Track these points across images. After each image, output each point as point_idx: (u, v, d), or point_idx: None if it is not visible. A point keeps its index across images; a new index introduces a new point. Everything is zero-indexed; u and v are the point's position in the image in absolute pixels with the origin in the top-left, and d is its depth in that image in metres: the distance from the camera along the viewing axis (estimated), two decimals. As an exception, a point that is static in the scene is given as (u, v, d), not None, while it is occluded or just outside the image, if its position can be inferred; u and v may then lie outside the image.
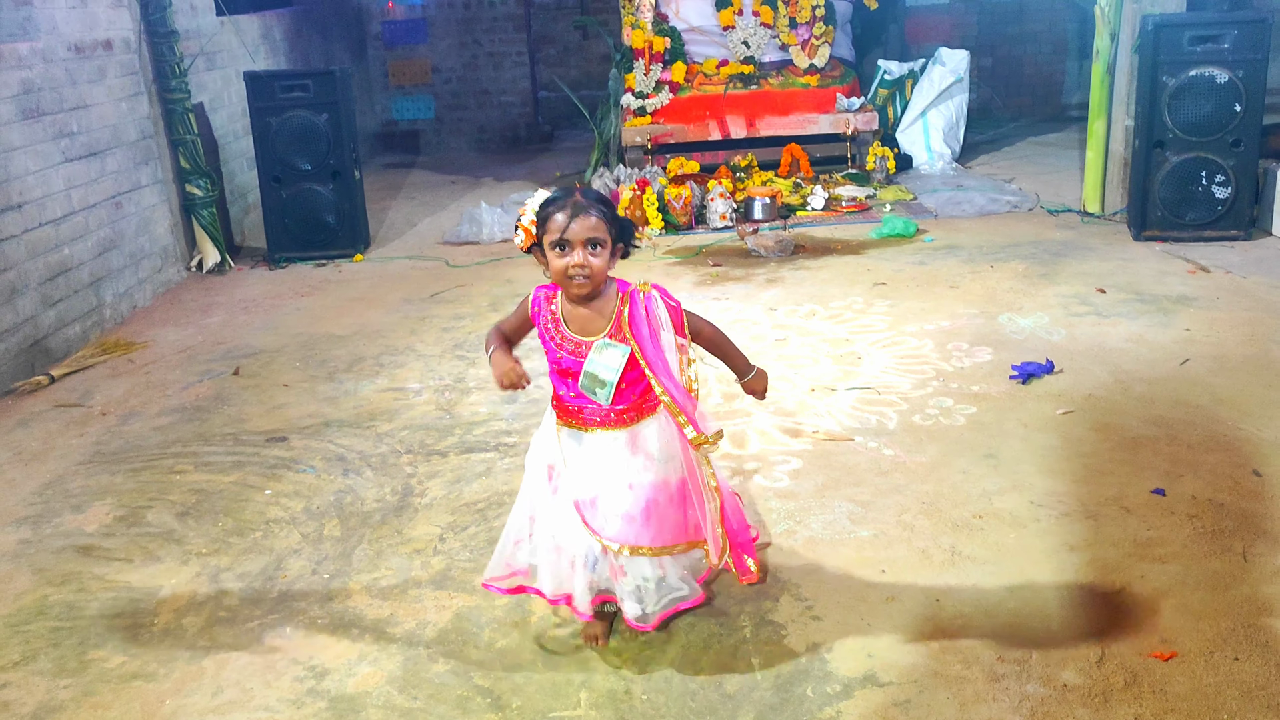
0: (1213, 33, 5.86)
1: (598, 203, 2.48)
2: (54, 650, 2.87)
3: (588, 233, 2.44)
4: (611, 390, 2.52)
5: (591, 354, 2.52)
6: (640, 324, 2.52)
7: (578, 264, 2.45)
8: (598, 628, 2.76)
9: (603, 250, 2.47)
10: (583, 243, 2.44)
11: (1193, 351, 4.45)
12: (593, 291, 2.51)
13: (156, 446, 4.16)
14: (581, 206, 2.45)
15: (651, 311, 2.54)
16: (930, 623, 2.75)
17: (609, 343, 2.52)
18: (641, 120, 8.26)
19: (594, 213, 2.45)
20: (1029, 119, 10.54)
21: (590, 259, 2.45)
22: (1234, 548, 3.02)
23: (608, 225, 2.47)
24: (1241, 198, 5.97)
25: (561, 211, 2.45)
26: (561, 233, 2.44)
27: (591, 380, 2.52)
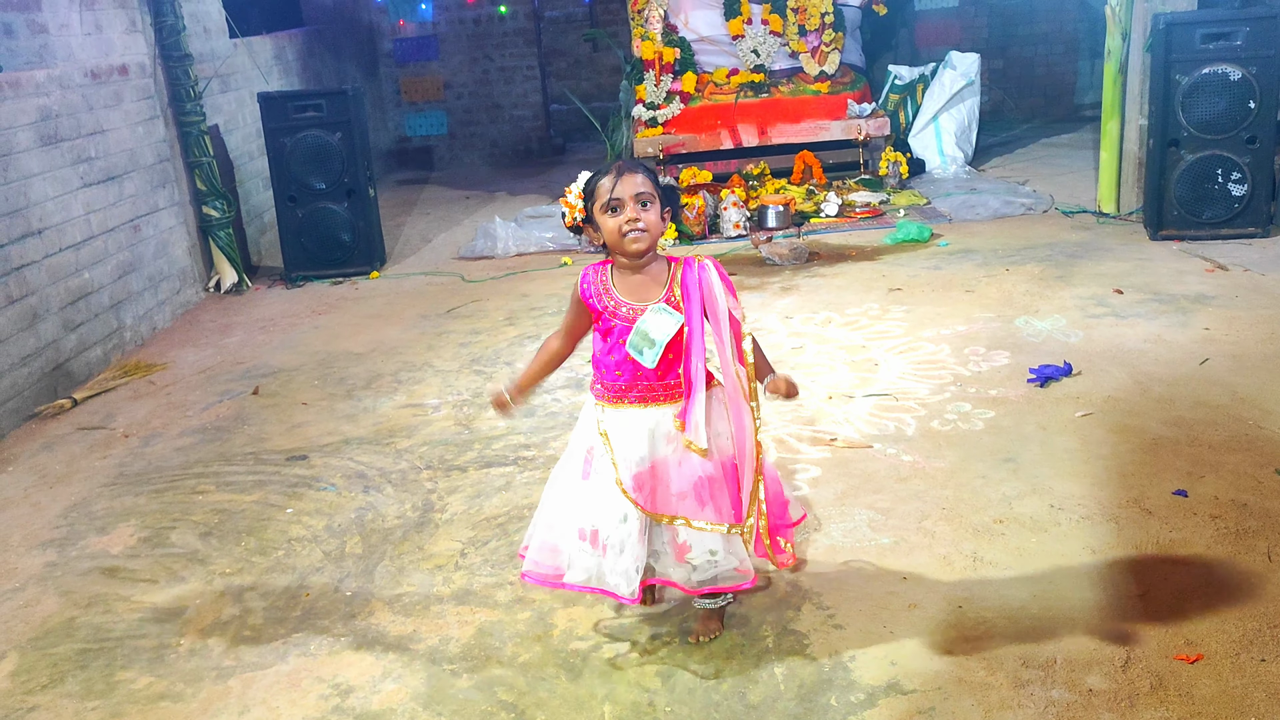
0: (1225, 30, 5.84)
1: (640, 166, 2.57)
2: (82, 672, 2.89)
3: (636, 188, 2.51)
4: (659, 352, 2.53)
5: (645, 314, 2.55)
6: (691, 289, 2.55)
7: (630, 218, 2.50)
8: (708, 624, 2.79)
9: (653, 206, 2.53)
10: (633, 198, 2.50)
11: (1212, 351, 4.43)
12: (649, 250, 2.56)
13: (179, 467, 4.19)
14: (626, 167, 2.54)
15: (705, 279, 2.56)
16: (953, 629, 2.74)
17: (664, 308, 2.55)
18: (653, 131, 8.28)
19: (639, 172, 2.53)
20: (1041, 120, 10.51)
21: (644, 214, 2.51)
22: (1258, 548, 3.00)
23: (653, 182, 2.55)
24: (1258, 195, 5.94)
25: (607, 176, 2.53)
26: (610, 193, 2.51)
27: (641, 339, 2.54)
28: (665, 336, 2.53)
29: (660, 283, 2.58)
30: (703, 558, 2.64)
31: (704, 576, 2.67)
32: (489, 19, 10.96)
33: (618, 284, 2.60)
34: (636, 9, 8.58)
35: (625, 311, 2.57)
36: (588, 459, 2.68)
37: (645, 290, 2.58)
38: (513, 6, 10.92)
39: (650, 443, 2.61)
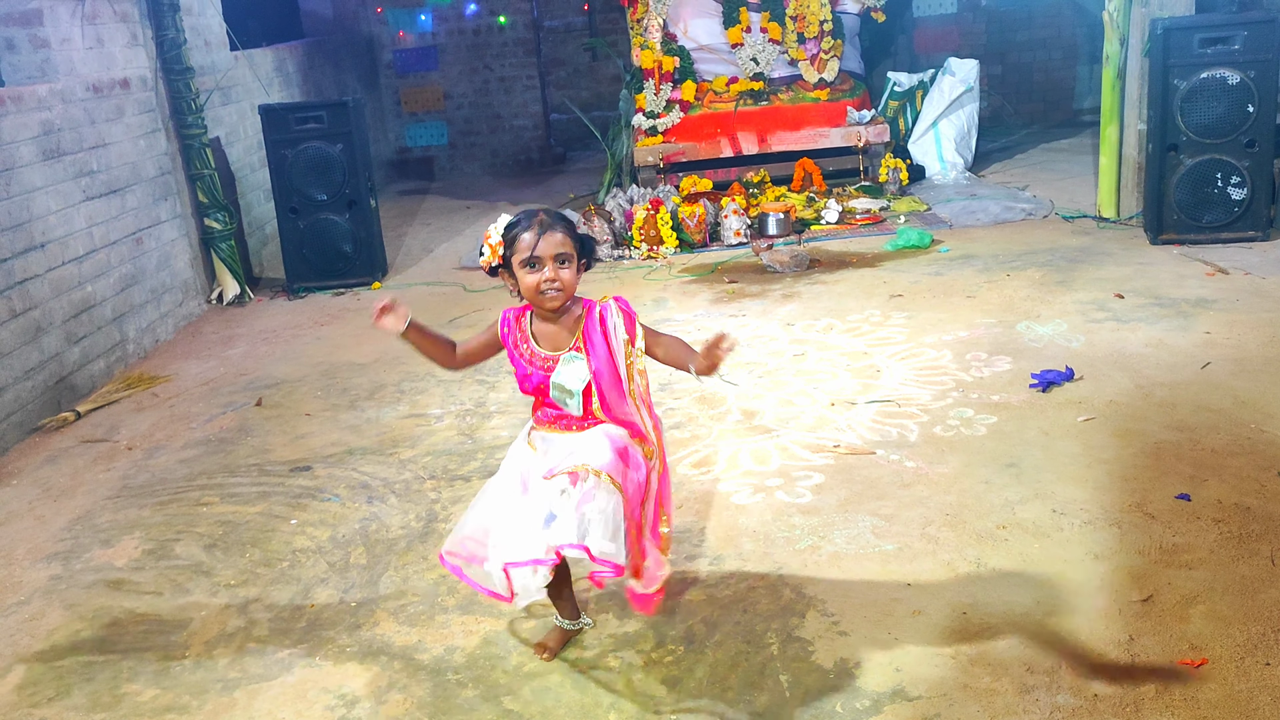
0: (1222, 34, 5.85)
1: (561, 220, 2.59)
2: (88, 685, 2.90)
3: (556, 248, 2.54)
4: (579, 399, 2.61)
5: (559, 366, 2.62)
6: (594, 333, 2.62)
7: (549, 279, 2.54)
8: (551, 638, 2.83)
9: (570, 264, 2.57)
10: (552, 258, 2.53)
11: (1213, 355, 4.43)
12: (562, 306, 2.61)
13: (183, 479, 4.20)
14: (547, 224, 2.55)
15: (606, 320, 2.62)
16: (958, 635, 2.75)
17: (574, 355, 2.62)
18: (653, 140, 8.30)
19: (559, 230, 2.55)
20: (1040, 126, 10.53)
21: (560, 273, 2.54)
22: (1261, 552, 3.00)
23: (573, 241, 2.57)
24: (1258, 198, 5.95)
25: (528, 231, 2.55)
26: (531, 250, 2.53)
27: (561, 391, 2.62)
28: (580, 385, 2.60)
29: (571, 331, 2.64)
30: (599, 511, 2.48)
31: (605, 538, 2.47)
32: (488, 29, 10.99)
33: (535, 331, 2.66)
34: (636, 18, 8.62)
35: (540, 362, 2.64)
36: (524, 485, 2.66)
37: (558, 338, 2.64)
38: (512, 17, 10.96)
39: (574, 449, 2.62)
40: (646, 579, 2.71)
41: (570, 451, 2.61)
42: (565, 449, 2.64)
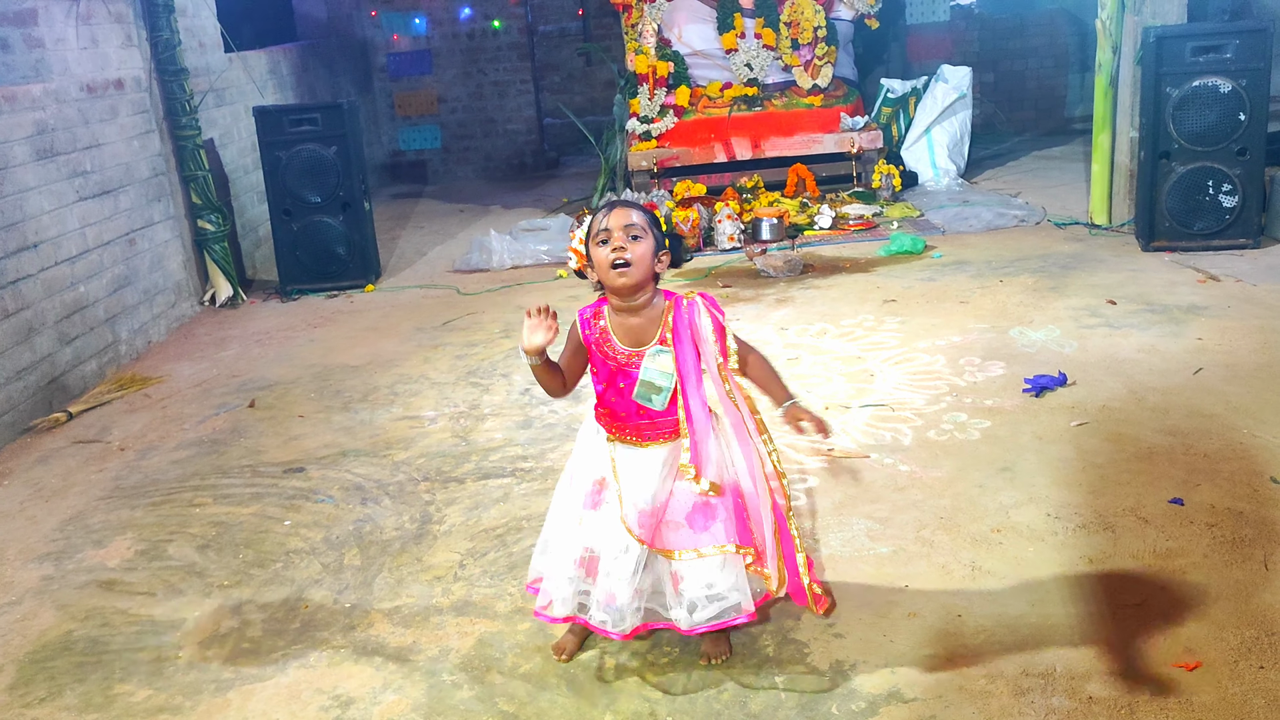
0: (1214, 43, 5.89)
1: (637, 206, 2.61)
2: (80, 686, 2.89)
3: (624, 220, 2.53)
4: (668, 396, 2.55)
5: (645, 361, 2.55)
6: (681, 330, 2.55)
7: (617, 246, 2.49)
8: (569, 639, 2.80)
9: (643, 239, 2.52)
10: (622, 228, 2.51)
11: (1205, 360, 4.45)
12: (638, 286, 2.53)
13: (175, 480, 4.18)
14: (620, 203, 2.59)
15: (694, 320, 2.56)
16: (953, 638, 2.75)
17: (661, 349, 2.55)
18: (647, 144, 8.31)
19: (633, 210, 2.57)
20: (1033, 133, 10.57)
21: (631, 245, 2.50)
22: (1255, 556, 3.01)
23: (648, 221, 2.56)
24: (1249, 206, 5.98)
25: (601, 211, 2.59)
26: (601, 225, 2.54)
27: (647, 388, 2.55)
28: (669, 381, 2.54)
29: (655, 324, 2.57)
30: (699, 591, 2.62)
31: (702, 616, 2.64)
32: (483, 33, 11.00)
33: (614, 327, 2.60)
34: (630, 23, 8.62)
35: (623, 359, 2.57)
36: (597, 488, 2.67)
37: (642, 333, 2.58)
38: (506, 21, 10.97)
39: (655, 481, 2.61)
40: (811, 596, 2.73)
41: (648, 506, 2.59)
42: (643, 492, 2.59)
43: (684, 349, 2.54)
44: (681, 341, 2.54)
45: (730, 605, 2.65)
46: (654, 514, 2.61)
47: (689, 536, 2.61)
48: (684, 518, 2.61)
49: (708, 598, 2.64)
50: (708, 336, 2.56)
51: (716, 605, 2.65)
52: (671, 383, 2.54)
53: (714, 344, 2.56)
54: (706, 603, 2.64)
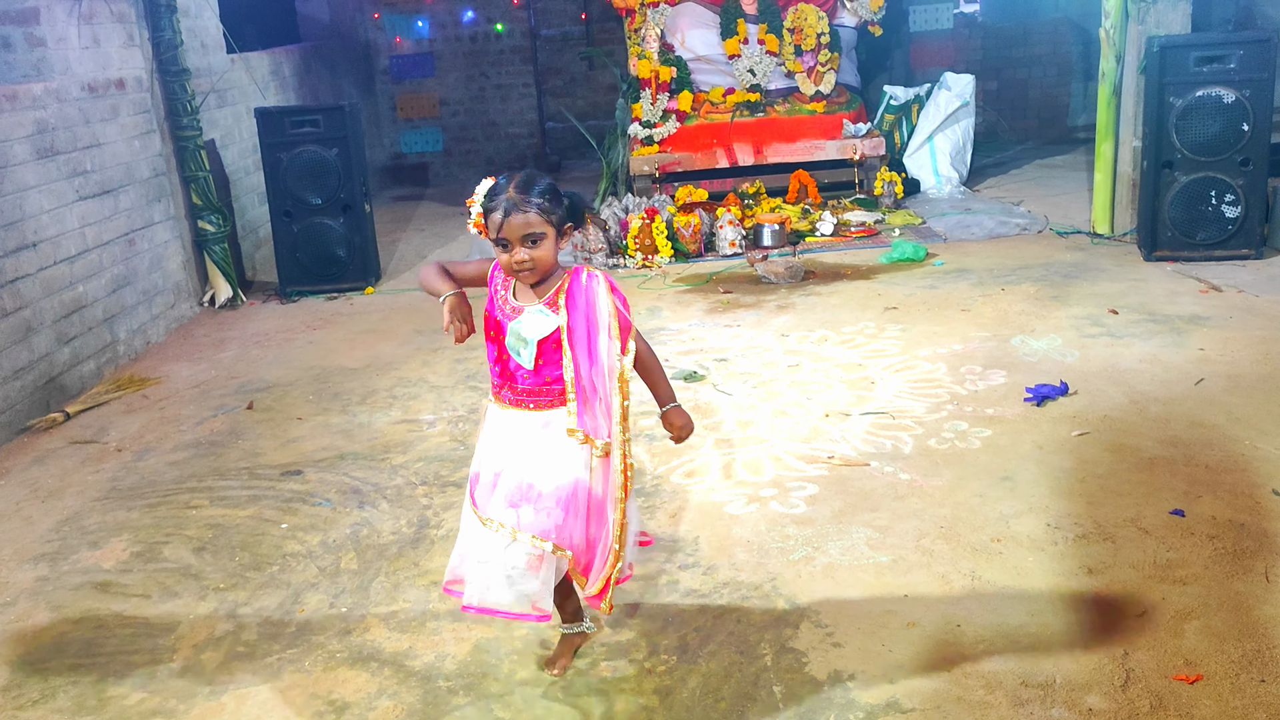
0: (1218, 53, 5.88)
1: (536, 194, 2.44)
2: (73, 688, 2.87)
3: (522, 230, 2.43)
4: (534, 351, 2.50)
5: (523, 315, 2.51)
6: (577, 296, 2.52)
7: (519, 259, 2.45)
8: (560, 652, 2.78)
9: (544, 240, 2.46)
10: (520, 240, 2.44)
11: (1207, 371, 4.44)
12: (541, 279, 2.52)
13: (172, 482, 4.16)
14: (515, 205, 2.42)
15: (591, 289, 2.52)
16: (952, 648, 2.73)
17: (542, 309, 2.51)
18: (649, 149, 8.30)
19: (530, 209, 2.42)
20: (1035, 142, 10.56)
21: (531, 253, 2.45)
22: (1255, 568, 2.99)
23: (545, 217, 2.44)
24: (1251, 216, 5.97)
25: (497, 211, 2.43)
26: (498, 231, 2.45)
27: (515, 339, 2.52)
28: (537, 336, 2.50)
29: (549, 288, 2.54)
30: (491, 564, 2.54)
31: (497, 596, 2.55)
32: (485, 37, 11.00)
33: (516, 286, 2.57)
34: (634, 28, 8.62)
35: (509, 310, 2.54)
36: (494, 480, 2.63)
37: (535, 295, 2.54)
38: (509, 25, 10.97)
39: (509, 448, 2.57)
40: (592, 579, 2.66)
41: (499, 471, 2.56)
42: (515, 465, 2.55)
43: (576, 315, 2.51)
44: (575, 308, 2.51)
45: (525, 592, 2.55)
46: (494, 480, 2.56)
47: (504, 511, 2.53)
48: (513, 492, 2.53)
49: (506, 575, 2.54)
50: (603, 310, 2.51)
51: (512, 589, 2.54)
52: (537, 338, 2.49)
53: (610, 321, 2.51)
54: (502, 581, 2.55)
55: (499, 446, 2.60)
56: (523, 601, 2.56)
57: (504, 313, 2.55)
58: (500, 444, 2.59)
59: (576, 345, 2.52)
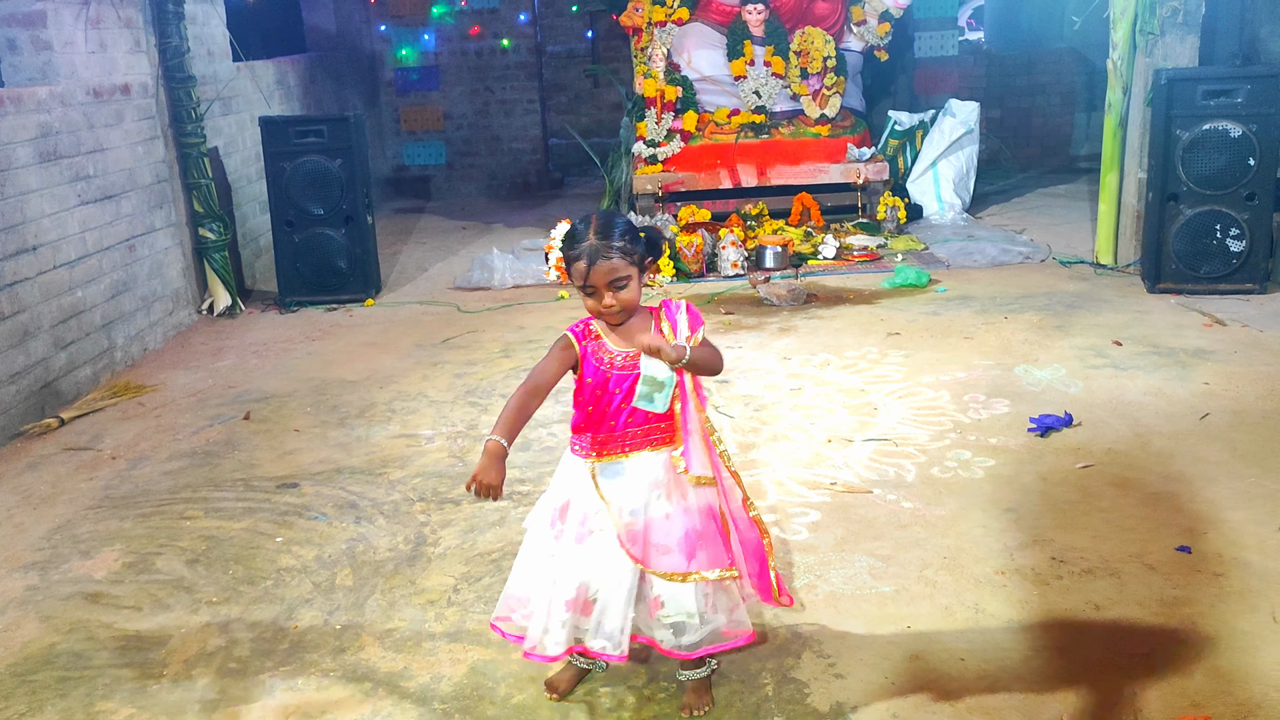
0: (1226, 87, 5.88)
1: (617, 237, 2.45)
2: (61, 701, 2.82)
3: (609, 276, 2.45)
4: (669, 393, 2.51)
5: (644, 358, 2.49)
6: (678, 326, 2.54)
7: (607, 305, 2.47)
8: (563, 677, 2.72)
9: (629, 282, 2.48)
10: (606, 286, 2.45)
11: (1212, 406, 4.41)
12: (630, 315, 2.54)
13: (166, 491, 4.12)
14: (598, 251, 2.44)
15: (673, 316, 2.55)
16: (956, 682, 2.69)
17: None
18: (653, 168, 8.29)
19: (613, 255, 2.44)
20: (1038, 170, 10.58)
21: (618, 294, 2.47)
22: (1261, 608, 2.96)
23: (628, 259, 2.46)
24: (1256, 251, 5.96)
25: (580, 259, 2.45)
26: (584, 279, 2.46)
27: (650, 385, 2.50)
28: (670, 374, 2.49)
29: (646, 322, 2.55)
30: (679, 617, 2.57)
31: (690, 639, 2.57)
32: (491, 51, 11.00)
33: (605, 331, 2.56)
34: (640, 46, 8.63)
35: (621, 361, 2.52)
36: (582, 520, 2.58)
37: (633, 332, 2.53)
38: (515, 40, 10.97)
39: (643, 495, 2.55)
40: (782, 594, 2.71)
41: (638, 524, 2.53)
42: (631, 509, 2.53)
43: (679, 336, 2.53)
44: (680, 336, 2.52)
45: (716, 628, 2.59)
46: (644, 530, 2.54)
47: (679, 562, 2.53)
48: (676, 543, 2.54)
49: (689, 624, 2.57)
50: (683, 329, 2.53)
51: (703, 630, 2.58)
52: (671, 378, 2.50)
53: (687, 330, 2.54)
54: (692, 629, 2.58)
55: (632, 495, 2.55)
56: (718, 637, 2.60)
57: (615, 365, 2.53)
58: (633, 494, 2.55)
59: (682, 379, 2.52)
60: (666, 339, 2.49)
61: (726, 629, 2.61)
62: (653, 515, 2.55)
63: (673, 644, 2.59)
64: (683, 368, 2.49)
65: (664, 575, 2.53)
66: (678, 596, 2.56)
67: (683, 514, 2.55)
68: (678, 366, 2.48)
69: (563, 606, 2.58)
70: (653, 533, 2.54)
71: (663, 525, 2.54)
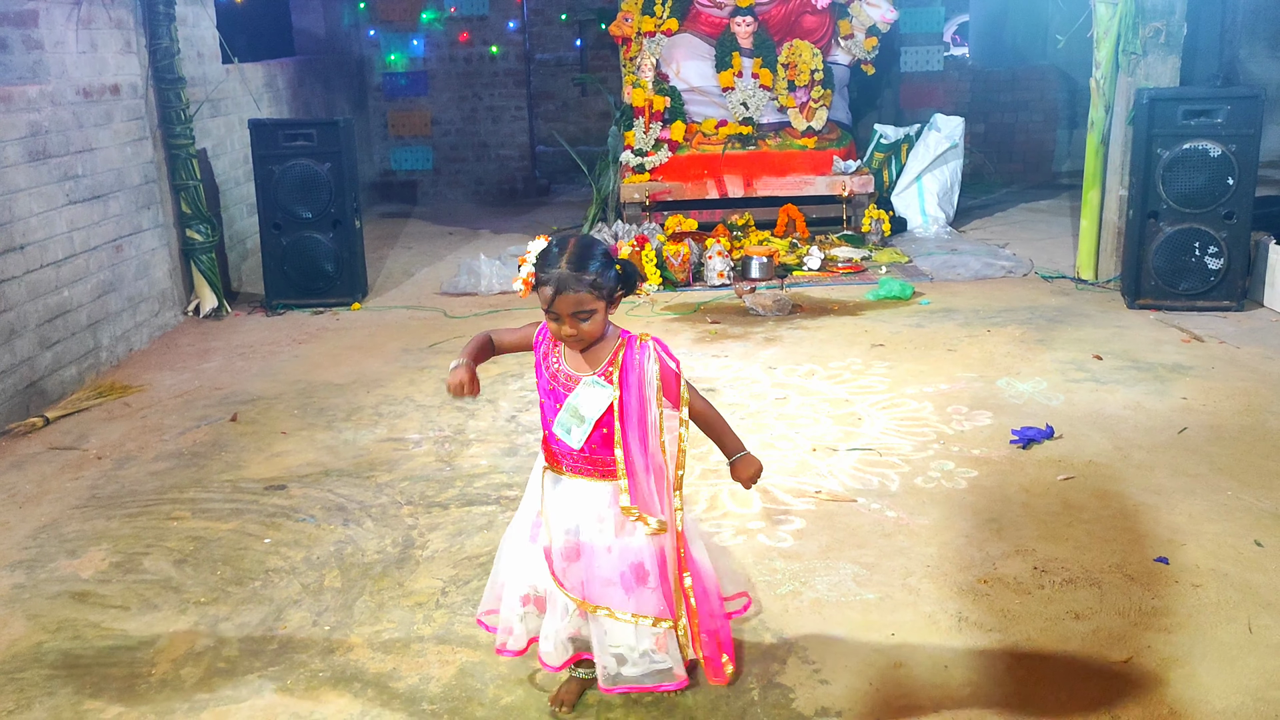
0: (1206, 107, 5.97)
1: (589, 270, 2.41)
2: (49, 699, 2.82)
3: (574, 308, 2.41)
4: (587, 431, 2.48)
5: (578, 388, 2.49)
6: (630, 372, 2.49)
7: (567, 333, 2.46)
8: (567, 690, 2.73)
9: (594, 316, 2.44)
10: (570, 316, 2.43)
11: (1190, 420, 4.48)
12: (591, 344, 2.52)
13: (153, 492, 4.12)
14: (566, 282, 2.39)
15: (643, 363, 2.50)
16: (939, 689, 2.73)
17: (598, 381, 2.48)
18: (640, 177, 8.34)
19: (581, 288, 2.40)
20: (1020, 186, 10.68)
21: (580, 325, 2.44)
22: (1239, 619, 3.02)
23: (596, 293, 2.42)
24: (1234, 269, 6.05)
25: (548, 285, 2.41)
26: (548, 305, 2.43)
27: (571, 415, 2.49)
28: (594, 414, 2.47)
29: (602, 358, 2.51)
30: (620, 649, 2.59)
31: (635, 672, 2.60)
32: (480, 58, 11.03)
33: (565, 348, 2.55)
34: (629, 56, 8.68)
35: (563, 379, 2.52)
36: (537, 521, 2.64)
37: (588, 360, 2.52)
38: (504, 47, 11.00)
39: (578, 517, 2.56)
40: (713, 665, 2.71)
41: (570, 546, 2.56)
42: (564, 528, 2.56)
43: (629, 392, 2.48)
44: (628, 386, 2.48)
45: (661, 669, 2.62)
46: (578, 555, 2.55)
47: (619, 598, 2.53)
48: (617, 575, 2.54)
49: (639, 654, 2.60)
50: (652, 382, 2.50)
51: (648, 664, 2.61)
52: (596, 415, 2.46)
53: (656, 390, 2.50)
54: (638, 659, 2.60)
55: (568, 516, 2.57)
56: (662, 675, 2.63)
57: (557, 380, 2.53)
58: (570, 513, 2.57)
59: (628, 421, 2.48)
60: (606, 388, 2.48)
61: (661, 669, 2.62)
62: (594, 544, 2.55)
63: (613, 673, 2.60)
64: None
65: (586, 605, 2.55)
66: (614, 629, 2.57)
67: (626, 552, 2.54)
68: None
69: (517, 601, 2.64)
70: (594, 561, 2.55)
71: (603, 556, 2.54)
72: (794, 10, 8.62)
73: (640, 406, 2.50)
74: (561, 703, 2.70)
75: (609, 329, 2.54)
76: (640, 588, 2.54)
